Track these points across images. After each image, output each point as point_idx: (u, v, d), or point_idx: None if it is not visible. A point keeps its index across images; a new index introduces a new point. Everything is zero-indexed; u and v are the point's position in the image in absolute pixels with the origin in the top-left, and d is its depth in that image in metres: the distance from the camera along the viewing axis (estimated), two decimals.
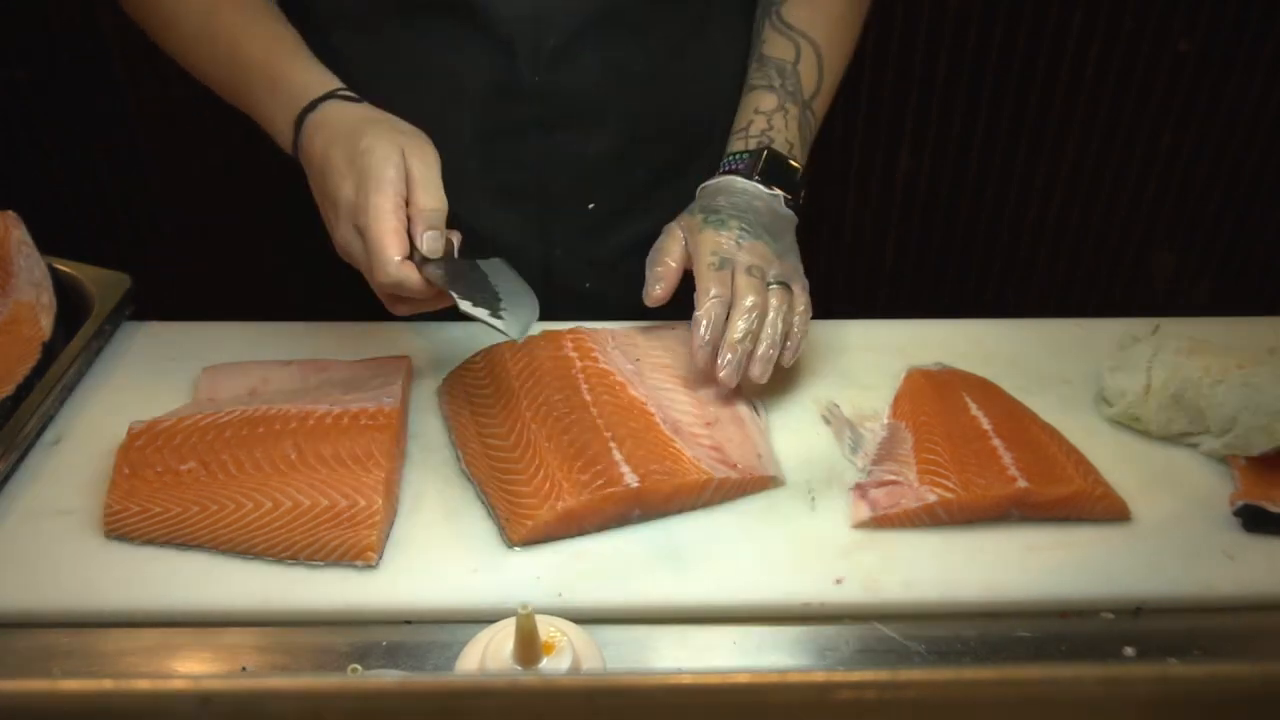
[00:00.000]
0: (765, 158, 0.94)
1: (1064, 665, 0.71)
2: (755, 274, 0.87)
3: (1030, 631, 0.75)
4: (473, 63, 0.93)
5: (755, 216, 0.91)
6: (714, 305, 0.86)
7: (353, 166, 0.80)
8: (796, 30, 0.97)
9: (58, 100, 1.90)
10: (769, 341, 0.86)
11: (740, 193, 0.93)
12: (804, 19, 0.98)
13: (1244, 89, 1.90)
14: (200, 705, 0.38)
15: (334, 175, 0.81)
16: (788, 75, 0.96)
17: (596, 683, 0.43)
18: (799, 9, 0.99)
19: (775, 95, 0.96)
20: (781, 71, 0.97)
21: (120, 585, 0.75)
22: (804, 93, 0.97)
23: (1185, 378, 0.87)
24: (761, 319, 0.86)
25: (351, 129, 0.82)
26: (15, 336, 0.93)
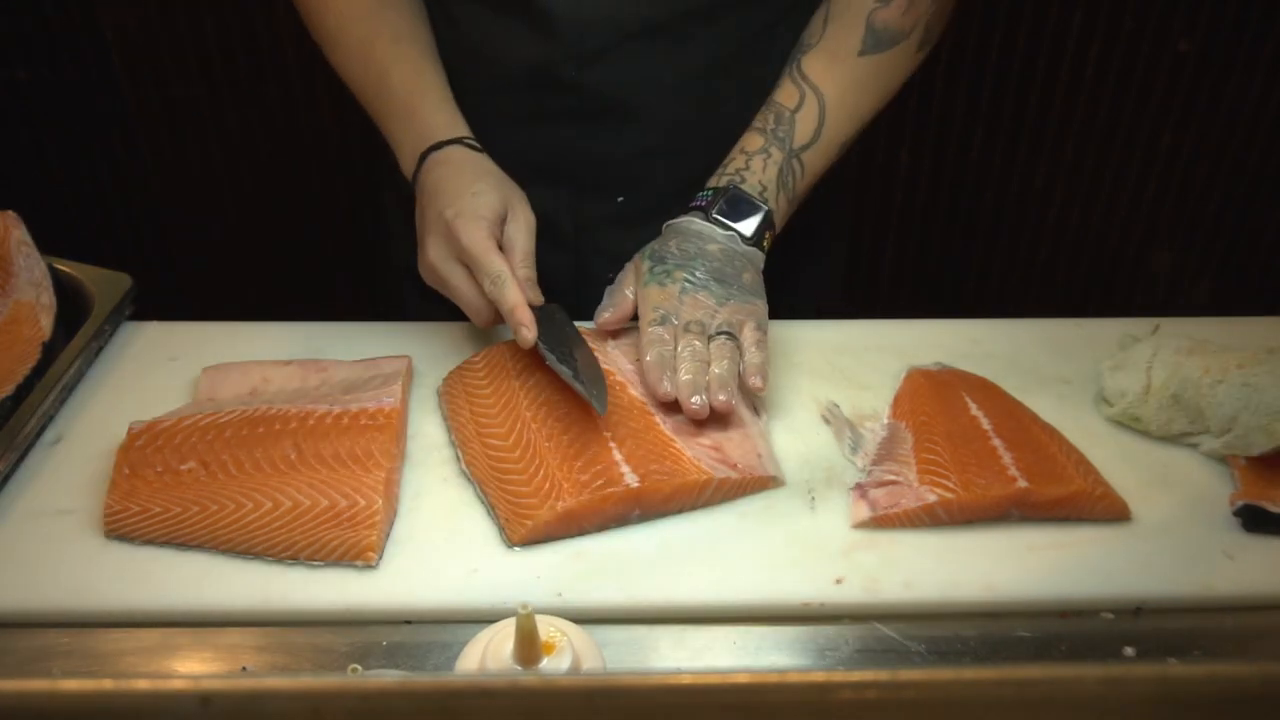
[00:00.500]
0: (726, 198, 0.95)
1: (1064, 665, 0.71)
2: (694, 328, 0.88)
3: (1030, 631, 0.75)
4: (517, 51, 0.97)
5: (705, 262, 0.92)
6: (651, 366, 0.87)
7: (458, 199, 0.89)
8: (808, 81, 0.97)
9: (58, 100, 1.90)
10: (719, 385, 0.86)
11: (694, 236, 0.94)
12: (818, 71, 0.98)
13: (1244, 89, 1.90)
14: (200, 705, 0.38)
15: (439, 203, 0.89)
16: (783, 121, 0.97)
17: (596, 683, 0.43)
18: (817, 61, 0.98)
19: (763, 138, 0.97)
20: (779, 117, 0.97)
21: (120, 585, 0.75)
22: (794, 141, 0.97)
23: (1185, 378, 0.87)
24: (702, 369, 0.86)
25: (470, 172, 0.91)
26: (15, 336, 0.93)
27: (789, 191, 0.97)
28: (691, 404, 0.85)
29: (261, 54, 1.86)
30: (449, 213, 0.88)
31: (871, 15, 0.97)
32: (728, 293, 0.91)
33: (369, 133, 1.02)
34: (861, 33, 0.97)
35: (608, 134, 1.01)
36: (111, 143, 1.95)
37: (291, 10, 1.06)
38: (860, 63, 0.98)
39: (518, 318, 0.86)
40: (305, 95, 1.90)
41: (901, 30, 0.98)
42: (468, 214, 0.88)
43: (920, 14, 0.98)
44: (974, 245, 2.12)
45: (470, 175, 0.91)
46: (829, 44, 0.98)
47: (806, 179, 0.98)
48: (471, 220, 0.87)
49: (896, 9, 0.97)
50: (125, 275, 1.02)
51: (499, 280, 0.86)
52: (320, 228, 2.05)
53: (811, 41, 0.99)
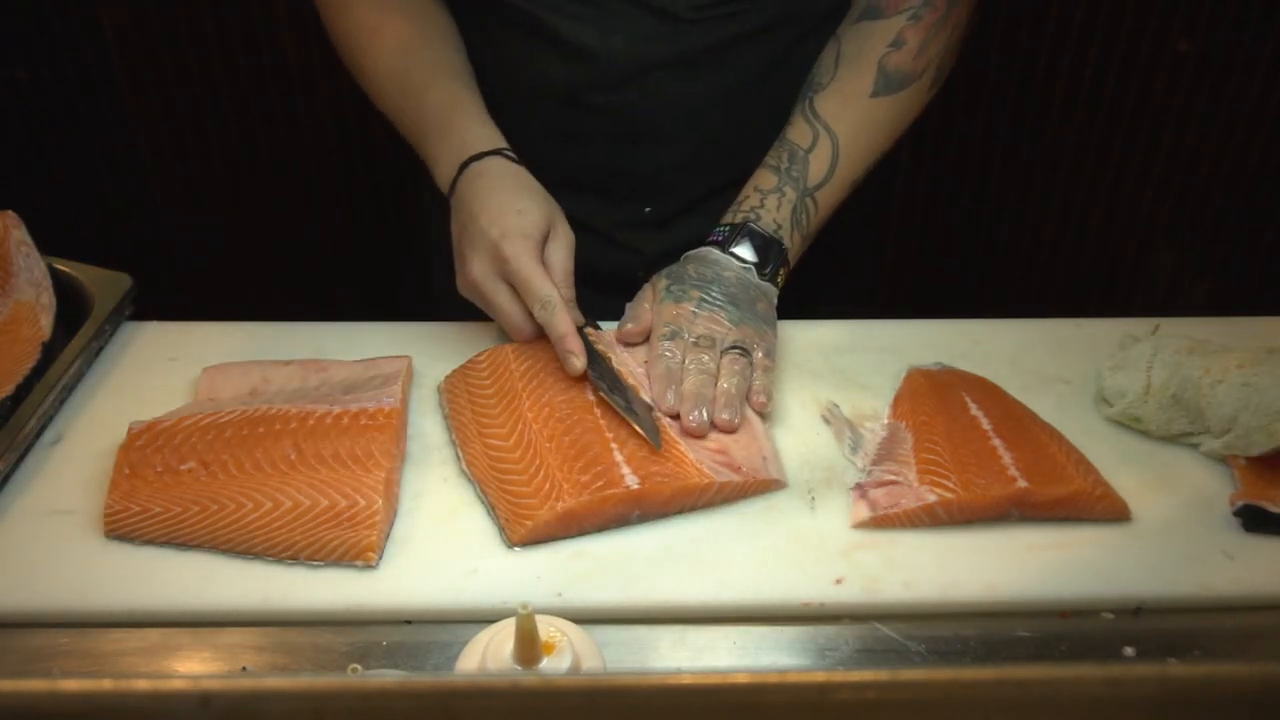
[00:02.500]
0: (742, 234, 0.96)
1: (1064, 665, 0.71)
2: (703, 344, 0.89)
3: (1030, 631, 0.75)
4: (549, 75, 0.99)
5: (721, 287, 0.93)
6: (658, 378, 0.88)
7: (503, 218, 0.88)
8: (821, 120, 0.98)
9: (58, 100, 1.90)
10: (724, 401, 0.86)
11: (712, 264, 0.95)
12: (831, 111, 0.98)
13: (1244, 89, 1.90)
14: (200, 705, 0.38)
15: (483, 218, 0.89)
16: (797, 160, 0.97)
17: (596, 683, 0.43)
18: (830, 101, 0.99)
19: (777, 177, 0.97)
20: (792, 156, 0.98)
21: (120, 585, 0.75)
22: (808, 181, 0.97)
23: (1185, 378, 0.87)
24: (709, 383, 0.87)
25: (512, 187, 0.91)
26: (15, 336, 0.93)
27: (803, 229, 0.98)
28: (689, 420, 0.85)
29: (261, 54, 1.86)
30: (494, 231, 0.88)
31: (884, 59, 0.97)
32: (742, 316, 0.92)
33: (369, 133, 1.03)
34: (873, 75, 0.98)
35: (636, 152, 1.03)
36: (111, 143, 1.95)
37: (292, 10, 1.06)
38: (872, 104, 0.99)
39: (568, 346, 0.86)
40: (305, 95, 1.90)
41: (913, 73, 0.99)
42: (514, 234, 0.88)
43: (932, 57, 0.99)
44: (974, 245, 2.12)
45: (512, 191, 0.91)
46: (841, 85, 0.99)
47: (820, 216, 0.99)
48: (519, 240, 0.87)
49: (908, 53, 0.97)
50: (125, 275, 1.02)
51: (549, 305, 0.87)
52: (320, 228, 2.05)
53: (823, 81, 0.99)
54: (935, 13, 0.97)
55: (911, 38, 0.97)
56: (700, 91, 1.00)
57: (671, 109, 1.00)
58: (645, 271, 1.07)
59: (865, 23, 0.99)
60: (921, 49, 0.98)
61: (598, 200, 1.06)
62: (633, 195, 1.06)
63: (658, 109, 1.00)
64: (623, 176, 1.05)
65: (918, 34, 0.97)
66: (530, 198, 0.91)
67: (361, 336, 0.99)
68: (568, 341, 0.87)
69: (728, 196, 1.05)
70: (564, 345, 0.87)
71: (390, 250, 2.07)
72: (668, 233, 1.08)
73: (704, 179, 1.06)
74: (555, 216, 0.92)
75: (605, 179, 1.05)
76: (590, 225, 1.06)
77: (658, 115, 1.01)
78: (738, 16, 0.97)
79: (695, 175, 1.05)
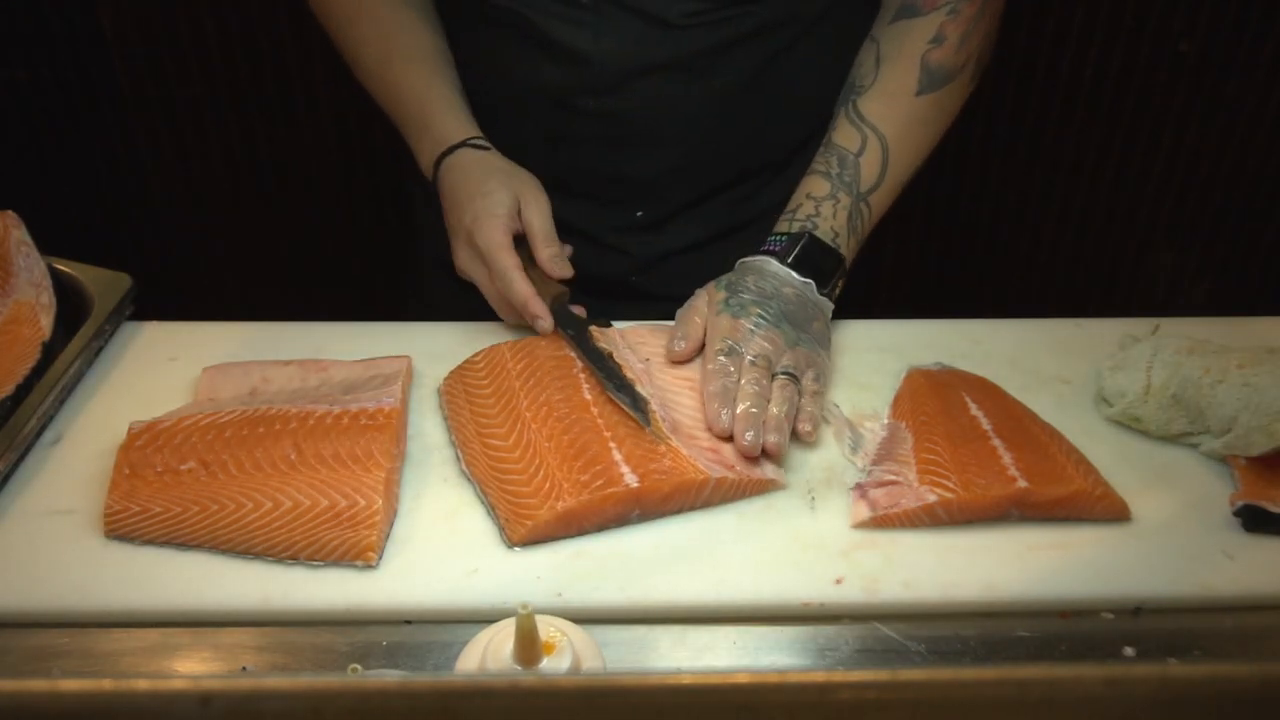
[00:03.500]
0: (803, 244, 0.94)
1: (1064, 665, 0.71)
2: (761, 363, 0.87)
3: (1030, 631, 0.75)
4: (539, 78, 0.99)
5: (780, 304, 0.91)
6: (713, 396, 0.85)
7: (472, 203, 0.94)
8: (867, 123, 0.97)
9: (58, 100, 1.90)
10: (774, 425, 0.84)
11: (771, 277, 0.93)
12: (877, 113, 0.97)
13: (1244, 89, 1.90)
14: (200, 705, 0.38)
15: (458, 209, 0.95)
16: (847, 165, 0.96)
17: (596, 683, 0.43)
18: (875, 102, 0.98)
19: (829, 183, 0.96)
20: (842, 161, 0.97)
21: (120, 585, 0.75)
22: (861, 185, 0.96)
23: (1185, 378, 0.87)
24: (762, 405, 0.85)
25: (478, 174, 0.96)
26: (15, 336, 0.93)
27: (858, 235, 0.97)
28: (745, 439, 0.83)
29: (261, 54, 1.86)
30: (466, 218, 0.94)
31: (926, 56, 0.97)
32: (798, 336, 0.90)
33: (369, 133, 1.03)
34: (917, 73, 0.97)
35: (628, 156, 1.02)
36: (111, 143, 1.95)
37: (292, 10, 1.07)
38: (918, 103, 0.98)
39: (531, 310, 0.91)
40: (305, 95, 1.90)
41: (956, 67, 0.98)
42: (482, 215, 0.93)
43: (973, 50, 0.98)
44: (974, 245, 2.12)
45: (479, 177, 0.95)
46: (885, 85, 0.98)
47: (873, 220, 0.98)
48: (486, 220, 0.92)
49: (950, 48, 0.97)
50: (125, 275, 1.02)
51: (505, 276, 0.91)
52: (320, 227, 2.05)
53: (865, 83, 0.98)
54: (973, 6, 0.97)
55: (952, 32, 0.96)
56: (692, 95, 0.99)
57: (663, 113, 1.00)
58: (636, 275, 1.07)
59: (903, 21, 0.98)
60: (962, 42, 0.97)
61: (589, 204, 1.06)
62: (625, 199, 1.06)
63: (649, 113, 1.00)
64: (614, 180, 1.04)
65: (958, 28, 0.97)
66: (495, 178, 0.95)
67: (361, 336, 0.99)
68: (530, 305, 0.91)
69: (720, 200, 1.04)
70: (528, 310, 0.91)
71: (390, 250, 2.07)
72: (660, 236, 1.07)
73: (696, 183, 1.05)
74: (523, 188, 0.96)
75: (597, 183, 1.05)
76: (582, 229, 1.05)
77: (649, 119, 1.00)
78: (730, 21, 0.96)
79: (687, 179, 1.05)
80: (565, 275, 0.94)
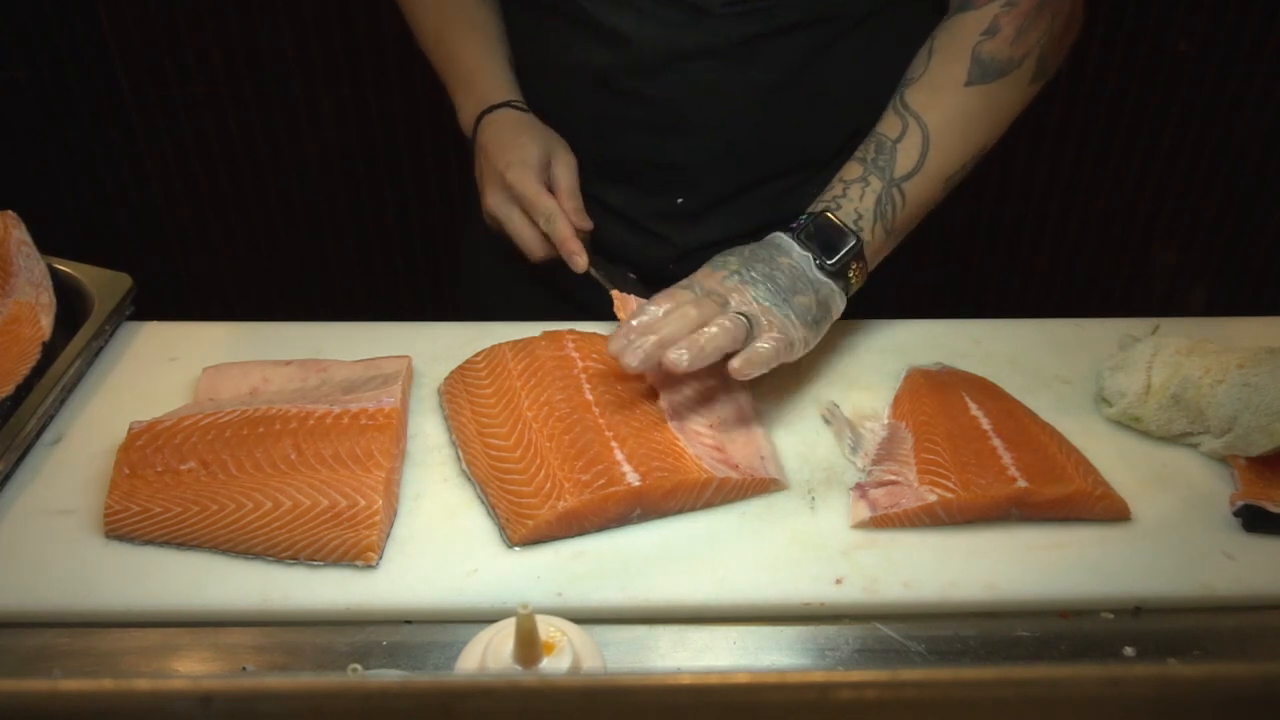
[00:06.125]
0: (815, 221, 0.92)
1: (1064, 665, 0.71)
2: (713, 298, 0.86)
3: (1030, 631, 0.75)
4: (583, 61, 1.02)
5: (766, 268, 0.89)
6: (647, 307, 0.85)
7: (507, 153, 1.01)
8: (911, 111, 0.96)
9: (58, 100, 1.90)
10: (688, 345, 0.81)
11: (773, 246, 0.91)
12: (921, 102, 0.96)
13: (1244, 89, 1.90)
14: (200, 705, 0.38)
15: (492, 158, 1.02)
16: (884, 151, 0.95)
17: (596, 683, 0.43)
18: (920, 92, 0.96)
19: (862, 167, 0.95)
20: (880, 147, 0.95)
21: (120, 585, 0.75)
22: (895, 170, 0.95)
23: (1185, 378, 0.87)
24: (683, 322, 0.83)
25: (514, 128, 1.03)
26: (15, 336, 0.93)
27: (886, 221, 0.94)
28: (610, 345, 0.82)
29: (262, 54, 1.86)
30: (501, 164, 1.00)
31: (977, 47, 0.95)
32: (771, 299, 0.87)
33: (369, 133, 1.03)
34: (967, 64, 0.95)
35: (668, 142, 1.03)
36: (111, 143, 1.95)
37: (292, 10, 1.07)
38: (967, 93, 0.96)
39: (570, 248, 0.97)
40: (306, 95, 1.90)
41: (1011, 60, 0.95)
42: (517, 164, 0.99)
43: (1031, 45, 0.95)
44: (974, 245, 2.12)
45: (515, 131, 1.02)
46: (932, 76, 0.96)
47: (908, 210, 0.95)
48: (520, 168, 0.99)
49: (1004, 40, 0.94)
50: (125, 275, 1.02)
51: (551, 217, 0.98)
52: (320, 227, 2.05)
53: (915, 75, 0.97)
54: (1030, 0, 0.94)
55: (1007, 24, 0.94)
56: (732, 85, 1.00)
57: (703, 99, 1.00)
58: (676, 263, 1.07)
59: (957, 15, 0.97)
60: (1019, 35, 0.94)
61: (632, 189, 1.07)
62: (665, 186, 1.06)
63: (690, 98, 1.00)
64: (655, 166, 1.05)
65: (1013, 20, 0.94)
66: (530, 135, 1.02)
67: (361, 336, 0.99)
68: (569, 244, 0.97)
69: (762, 192, 1.05)
70: (566, 248, 0.97)
71: (391, 250, 2.07)
72: (700, 225, 1.07)
73: (736, 174, 1.05)
74: (555, 146, 1.02)
75: (638, 168, 1.06)
76: (624, 214, 1.07)
77: (689, 105, 1.01)
78: (768, 12, 0.96)
79: (727, 169, 1.05)
80: (587, 227, 1.00)
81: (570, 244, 0.97)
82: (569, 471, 0.80)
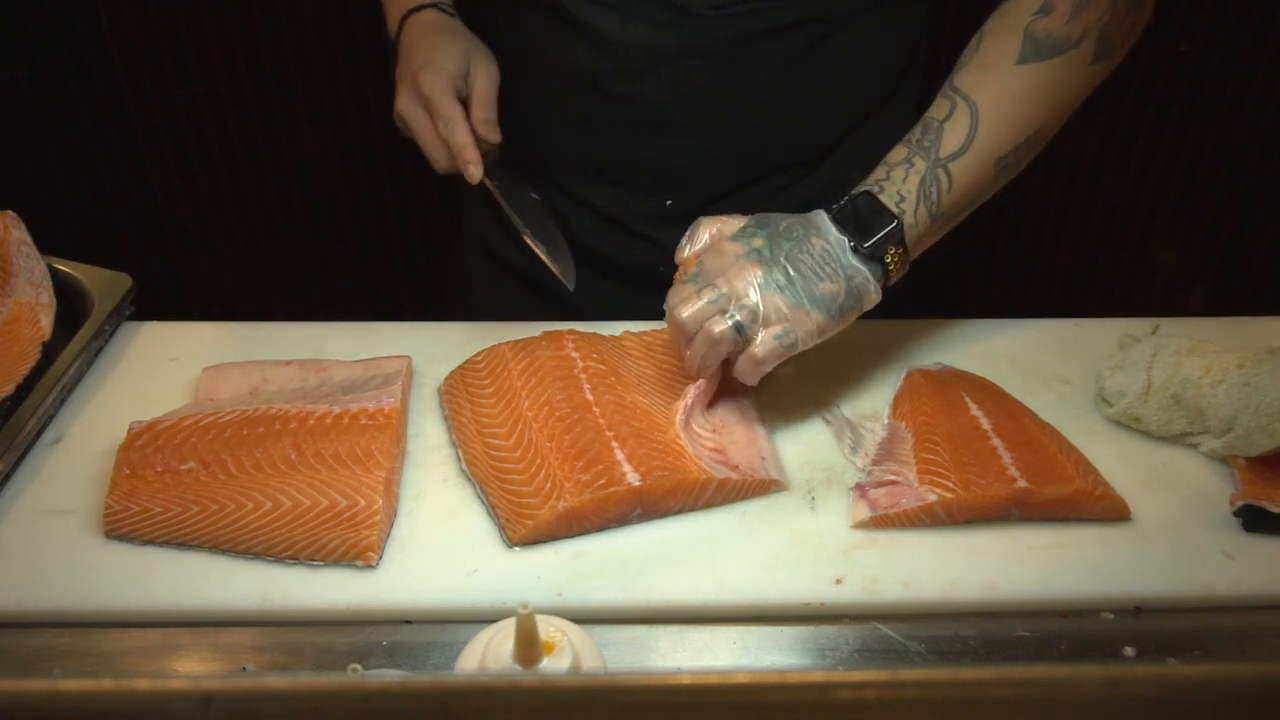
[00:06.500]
0: (855, 202, 0.88)
1: (1064, 665, 0.71)
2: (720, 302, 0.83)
3: (1030, 631, 0.75)
4: (569, 62, 1.01)
5: (792, 246, 0.85)
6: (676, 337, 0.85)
7: (423, 54, 0.99)
8: (960, 92, 0.92)
9: (58, 100, 1.90)
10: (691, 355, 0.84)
11: (810, 225, 0.87)
12: (970, 82, 0.92)
13: (1244, 89, 1.90)
14: (200, 705, 0.38)
15: (409, 57, 1.00)
16: (930, 131, 0.91)
17: (596, 683, 0.43)
18: (970, 74, 0.93)
19: (907, 149, 0.91)
20: (926, 127, 0.92)
21: (120, 585, 0.75)
22: (941, 150, 0.90)
23: (1185, 378, 0.87)
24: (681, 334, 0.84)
25: (437, 30, 1.02)
26: (15, 336, 0.93)
27: (930, 204, 0.89)
28: None
29: (262, 54, 1.86)
30: (415, 64, 0.98)
31: (1030, 25, 0.91)
32: (787, 284, 0.83)
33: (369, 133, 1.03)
34: (1019, 43, 0.91)
35: (656, 143, 1.03)
36: (111, 143, 1.95)
37: (292, 10, 1.07)
38: (1019, 71, 0.91)
39: (465, 156, 0.95)
40: (306, 95, 1.90)
41: (1067, 39, 0.91)
42: (431, 66, 0.97)
43: (1089, 23, 0.91)
44: (975, 245, 2.12)
45: (436, 34, 1.01)
46: (983, 57, 0.93)
47: (956, 193, 0.91)
48: (433, 71, 0.97)
49: (1059, 17, 0.90)
50: (125, 275, 1.02)
51: (449, 122, 0.95)
52: (320, 227, 2.05)
53: (965, 60, 0.94)
54: None
55: (1061, 2, 0.90)
56: (719, 85, 0.99)
57: (690, 100, 1.00)
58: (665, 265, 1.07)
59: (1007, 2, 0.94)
60: (1075, 13, 0.90)
61: (620, 191, 1.06)
62: (653, 187, 1.06)
63: (676, 99, 1.00)
64: (643, 167, 1.05)
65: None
66: (451, 39, 1.00)
67: (361, 336, 0.99)
68: (466, 152, 0.95)
69: (752, 193, 1.04)
70: (462, 156, 0.95)
71: (391, 250, 2.07)
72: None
73: (725, 174, 1.05)
74: (475, 53, 1.01)
75: (627, 168, 1.05)
76: (613, 216, 1.06)
77: (676, 106, 1.00)
78: (753, 15, 0.96)
79: (716, 170, 1.05)
80: (494, 139, 0.98)
81: (467, 152, 0.95)
82: (569, 471, 0.80)
